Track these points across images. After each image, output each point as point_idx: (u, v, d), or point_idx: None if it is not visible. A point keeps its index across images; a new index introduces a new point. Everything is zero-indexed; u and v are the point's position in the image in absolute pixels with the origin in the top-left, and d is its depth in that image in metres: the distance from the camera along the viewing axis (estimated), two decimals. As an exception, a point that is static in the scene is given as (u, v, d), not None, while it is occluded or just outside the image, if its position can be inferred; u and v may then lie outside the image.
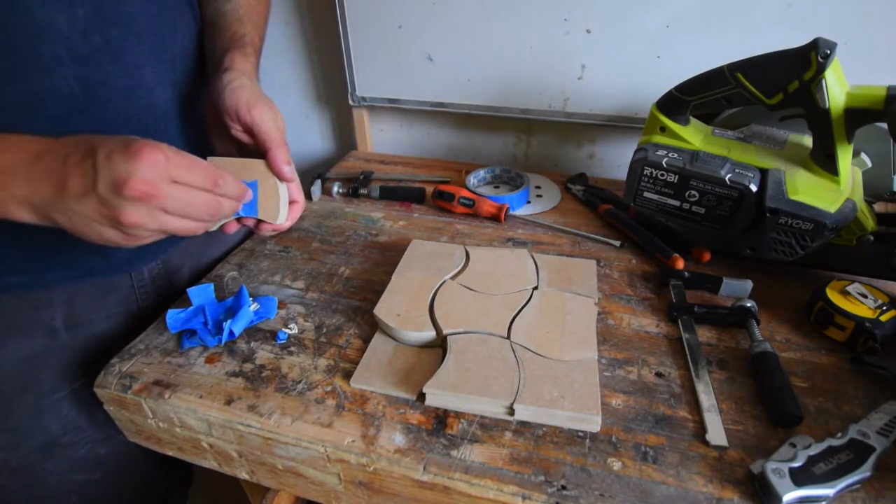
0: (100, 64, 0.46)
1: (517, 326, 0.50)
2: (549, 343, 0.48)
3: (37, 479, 0.57)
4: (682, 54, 0.75)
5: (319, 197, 0.78)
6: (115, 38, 0.46)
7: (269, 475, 0.48)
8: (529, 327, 0.50)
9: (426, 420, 0.43)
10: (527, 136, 0.95)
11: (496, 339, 0.48)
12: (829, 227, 0.51)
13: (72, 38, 0.43)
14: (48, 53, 0.43)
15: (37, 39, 0.42)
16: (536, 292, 0.54)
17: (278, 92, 1.02)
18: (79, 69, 0.45)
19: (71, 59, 0.44)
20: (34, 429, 0.55)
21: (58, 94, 0.44)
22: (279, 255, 0.65)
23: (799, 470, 0.37)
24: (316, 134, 1.08)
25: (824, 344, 0.51)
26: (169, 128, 0.54)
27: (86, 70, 0.45)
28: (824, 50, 0.49)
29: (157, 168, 0.37)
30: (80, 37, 0.44)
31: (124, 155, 0.37)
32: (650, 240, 0.64)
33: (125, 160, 0.37)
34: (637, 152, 0.62)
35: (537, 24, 0.79)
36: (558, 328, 0.49)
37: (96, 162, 0.37)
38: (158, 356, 0.50)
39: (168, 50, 0.52)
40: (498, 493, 0.38)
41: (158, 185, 0.37)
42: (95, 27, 0.44)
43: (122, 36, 0.47)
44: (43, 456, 0.56)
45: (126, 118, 0.49)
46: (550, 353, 0.47)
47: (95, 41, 0.45)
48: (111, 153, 0.37)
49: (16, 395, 0.53)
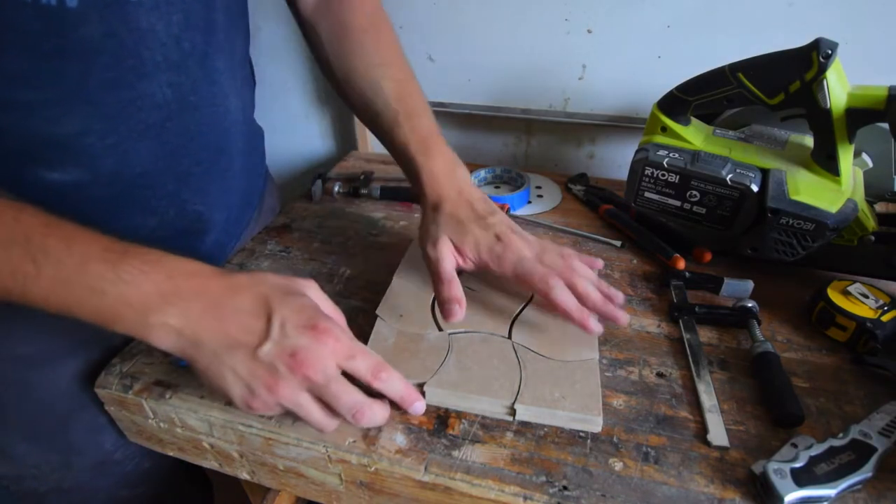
0: (189, 70, 0.46)
1: (518, 326, 0.50)
2: (550, 343, 0.48)
3: (84, 499, 0.57)
4: (683, 54, 0.75)
5: (320, 197, 0.78)
6: (200, 45, 0.46)
7: (269, 475, 0.48)
8: (530, 327, 0.50)
9: (427, 420, 0.43)
10: (527, 136, 0.95)
11: (498, 338, 0.48)
12: (831, 228, 0.51)
13: (168, 44, 0.44)
14: (149, 59, 0.43)
15: (140, 45, 0.42)
16: None
17: (278, 92, 1.02)
18: (172, 75, 0.45)
19: (167, 65, 0.44)
20: (89, 447, 0.54)
21: (154, 100, 0.45)
22: (280, 255, 0.65)
23: (800, 470, 0.37)
24: (316, 134, 1.08)
25: (825, 344, 0.51)
26: (237, 135, 0.55)
27: (178, 76, 0.45)
28: (826, 50, 0.49)
29: (328, 349, 0.37)
30: (174, 43, 0.44)
31: (301, 328, 0.37)
32: (651, 240, 0.64)
33: (300, 333, 0.37)
34: (638, 152, 0.62)
35: (538, 24, 0.79)
36: (559, 328, 0.49)
37: (270, 323, 0.37)
38: (160, 356, 0.50)
39: (236, 56, 0.53)
40: (499, 494, 0.38)
41: (321, 371, 0.37)
42: (186, 33, 0.45)
43: (206, 42, 0.47)
44: (94, 474, 0.56)
45: (210, 125, 0.50)
46: (552, 353, 0.47)
47: (186, 47, 0.45)
48: (285, 322, 0.37)
49: (73, 414, 0.52)
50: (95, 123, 0.43)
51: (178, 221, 0.53)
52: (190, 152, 0.50)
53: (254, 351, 0.36)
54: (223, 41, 0.50)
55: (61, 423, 0.53)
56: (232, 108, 0.53)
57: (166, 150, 0.48)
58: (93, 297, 0.35)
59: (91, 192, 0.46)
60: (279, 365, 0.36)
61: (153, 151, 0.47)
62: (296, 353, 0.36)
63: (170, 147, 0.48)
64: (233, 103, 0.53)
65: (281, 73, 1.01)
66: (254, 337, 0.37)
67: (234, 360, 0.36)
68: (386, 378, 0.39)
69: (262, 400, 0.37)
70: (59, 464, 0.54)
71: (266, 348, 0.36)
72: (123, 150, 0.45)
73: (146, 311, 0.36)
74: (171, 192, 0.51)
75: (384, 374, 0.39)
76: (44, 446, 0.53)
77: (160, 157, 0.48)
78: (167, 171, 0.49)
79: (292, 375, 0.36)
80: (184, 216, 0.53)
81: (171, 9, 0.43)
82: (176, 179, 0.50)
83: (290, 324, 0.37)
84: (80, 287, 0.35)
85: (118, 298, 0.35)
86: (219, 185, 0.56)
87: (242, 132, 0.57)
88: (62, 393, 0.52)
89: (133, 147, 0.46)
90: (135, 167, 0.47)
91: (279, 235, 0.69)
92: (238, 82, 0.54)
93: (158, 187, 0.50)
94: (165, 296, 0.36)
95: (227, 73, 0.51)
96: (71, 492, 0.56)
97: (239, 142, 0.57)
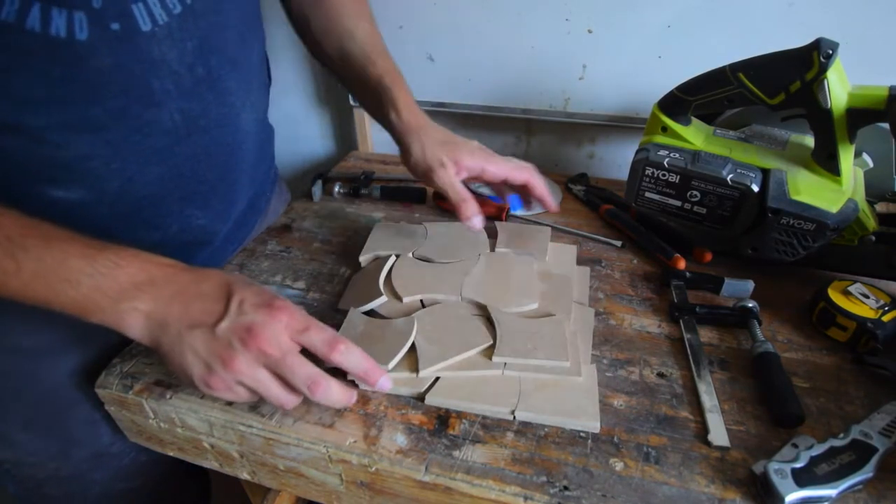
0: (201, 95, 0.46)
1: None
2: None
3: (81, 489, 0.58)
4: (683, 54, 0.75)
5: (321, 197, 0.78)
6: (214, 68, 0.46)
7: (270, 475, 0.48)
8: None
9: (428, 420, 0.43)
10: (527, 136, 0.95)
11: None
12: (831, 228, 0.51)
13: (179, 72, 0.44)
14: (158, 88, 0.43)
15: (149, 75, 0.42)
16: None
17: (278, 92, 1.02)
18: (183, 102, 0.45)
19: (178, 93, 0.44)
20: (87, 439, 0.55)
21: (163, 127, 0.45)
22: (280, 255, 0.65)
23: (801, 470, 0.37)
24: (316, 134, 1.08)
25: (826, 344, 0.51)
26: (248, 146, 0.56)
27: (189, 103, 0.46)
28: (826, 50, 0.49)
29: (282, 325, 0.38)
30: (187, 71, 0.44)
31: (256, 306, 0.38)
32: (651, 240, 0.64)
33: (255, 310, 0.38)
34: (638, 152, 0.62)
35: (538, 24, 0.79)
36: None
37: (229, 303, 0.39)
38: (160, 356, 0.50)
39: (248, 70, 0.53)
40: (500, 494, 0.38)
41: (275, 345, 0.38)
42: (200, 59, 0.45)
43: (219, 64, 0.47)
44: (91, 466, 0.57)
45: (219, 146, 0.51)
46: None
47: (199, 73, 0.45)
48: (243, 301, 0.39)
49: (72, 406, 0.53)
50: (101, 149, 0.43)
51: (182, 235, 0.53)
52: (197, 173, 0.50)
53: (212, 329, 0.38)
54: (239, 57, 0.50)
55: (60, 414, 0.53)
56: (243, 123, 0.53)
57: (173, 173, 0.48)
58: (70, 288, 0.37)
59: (96, 210, 0.46)
60: (234, 341, 0.37)
61: (160, 174, 0.47)
62: (250, 328, 0.37)
63: (177, 170, 0.48)
64: (244, 118, 0.53)
65: (281, 73, 1.01)
66: (213, 317, 0.38)
67: (194, 339, 0.38)
68: (344, 350, 0.40)
69: (219, 377, 0.38)
70: (57, 453, 0.55)
71: (223, 325, 0.38)
72: (129, 174, 0.46)
73: (119, 299, 0.38)
74: (175, 211, 0.51)
75: (342, 346, 0.40)
76: (42, 435, 0.54)
77: (167, 179, 0.48)
78: (173, 191, 0.49)
79: (247, 350, 0.37)
80: (188, 231, 0.53)
81: (185, 35, 0.43)
82: (181, 199, 0.51)
83: (248, 303, 0.39)
84: (58, 280, 0.37)
85: (94, 288, 0.37)
86: (225, 200, 0.56)
87: (254, 144, 0.57)
88: (61, 385, 0.52)
89: (139, 171, 0.46)
90: (140, 189, 0.47)
91: (279, 235, 0.69)
92: (253, 94, 0.54)
93: (163, 206, 0.50)
94: (138, 285, 0.38)
95: (242, 90, 0.51)
96: (68, 480, 0.57)
97: (249, 155, 0.57)
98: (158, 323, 0.38)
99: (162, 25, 0.41)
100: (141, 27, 0.40)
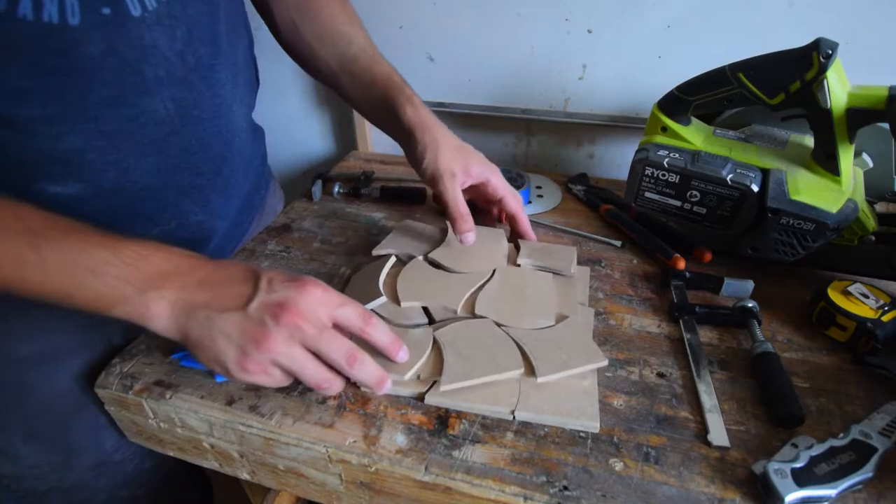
0: (192, 85, 0.46)
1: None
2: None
3: (85, 499, 0.57)
4: (683, 54, 0.75)
5: (320, 197, 0.78)
6: (204, 58, 0.47)
7: (270, 475, 0.48)
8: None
9: (428, 420, 0.43)
10: (527, 136, 0.95)
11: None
12: (831, 228, 0.51)
13: (170, 59, 0.44)
14: (151, 76, 0.43)
15: (142, 62, 0.42)
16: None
17: (278, 92, 1.02)
18: (175, 90, 0.45)
19: (169, 80, 0.44)
20: (90, 447, 0.54)
21: (157, 116, 0.45)
22: (280, 255, 0.65)
23: (801, 470, 0.37)
24: (316, 134, 1.08)
25: (826, 344, 0.51)
26: (240, 140, 0.55)
27: (181, 91, 0.46)
28: (826, 50, 0.49)
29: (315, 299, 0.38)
30: (178, 58, 0.44)
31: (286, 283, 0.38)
32: (651, 240, 0.64)
33: (286, 287, 0.38)
34: (638, 152, 0.62)
35: (538, 24, 0.79)
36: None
37: (258, 283, 0.39)
38: (160, 356, 0.50)
39: (235, 64, 0.53)
40: (500, 494, 0.38)
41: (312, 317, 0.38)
42: (189, 47, 0.45)
43: (210, 55, 0.47)
44: (95, 474, 0.56)
45: (213, 137, 0.50)
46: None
47: (189, 61, 0.45)
48: (272, 279, 0.39)
49: (73, 414, 0.52)
50: (97, 140, 0.43)
51: (181, 232, 0.53)
52: (192, 165, 0.50)
53: (243, 310, 0.37)
54: (227, 50, 0.50)
55: (61, 423, 0.53)
56: (235, 117, 0.53)
57: (168, 165, 0.48)
58: (93, 279, 0.37)
59: (93, 205, 0.46)
60: (267, 318, 0.37)
61: (155, 166, 0.47)
62: (282, 303, 0.37)
63: (172, 161, 0.48)
64: (236, 112, 0.53)
65: (281, 73, 1.01)
66: (242, 299, 0.38)
67: (225, 323, 0.37)
68: (375, 323, 0.41)
69: (254, 359, 0.37)
70: (59, 464, 0.54)
71: (254, 305, 0.38)
72: (125, 166, 0.46)
73: (144, 289, 0.37)
74: (172, 204, 0.51)
75: (374, 320, 0.41)
76: (44, 446, 0.53)
77: (162, 171, 0.48)
78: (169, 184, 0.49)
79: (282, 327, 0.37)
80: (186, 227, 0.53)
81: (174, 23, 0.43)
82: (178, 192, 0.51)
83: (277, 281, 0.39)
84: (82, 270, 0.36)
85: (118, 278, 0.37)
86: (221, 195, 0.56)
87: (246, 139, 0.57)
88: (62, 393, 0.52)
89: (135, 163, 0.46)
90: (137, 181, 0.47)
91: (279, 235, 0.69)
92: (241, 89, 0.54)
93: (160, 200, 0.50)
94: (164, 274, 0.38)
95: (230, 83, 0.51)
96: (72, 491, 0.56)
97: (242, 150, 0.57)
98: (186, 310, 0.38)
99: (151, 11, 0.41)
100: (131, 12, 0.40)
